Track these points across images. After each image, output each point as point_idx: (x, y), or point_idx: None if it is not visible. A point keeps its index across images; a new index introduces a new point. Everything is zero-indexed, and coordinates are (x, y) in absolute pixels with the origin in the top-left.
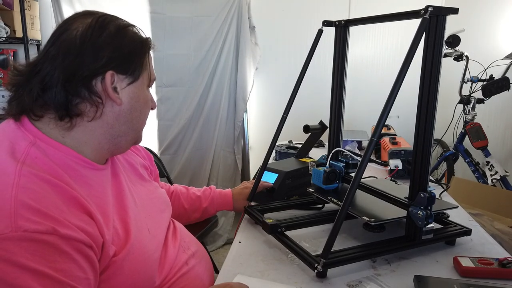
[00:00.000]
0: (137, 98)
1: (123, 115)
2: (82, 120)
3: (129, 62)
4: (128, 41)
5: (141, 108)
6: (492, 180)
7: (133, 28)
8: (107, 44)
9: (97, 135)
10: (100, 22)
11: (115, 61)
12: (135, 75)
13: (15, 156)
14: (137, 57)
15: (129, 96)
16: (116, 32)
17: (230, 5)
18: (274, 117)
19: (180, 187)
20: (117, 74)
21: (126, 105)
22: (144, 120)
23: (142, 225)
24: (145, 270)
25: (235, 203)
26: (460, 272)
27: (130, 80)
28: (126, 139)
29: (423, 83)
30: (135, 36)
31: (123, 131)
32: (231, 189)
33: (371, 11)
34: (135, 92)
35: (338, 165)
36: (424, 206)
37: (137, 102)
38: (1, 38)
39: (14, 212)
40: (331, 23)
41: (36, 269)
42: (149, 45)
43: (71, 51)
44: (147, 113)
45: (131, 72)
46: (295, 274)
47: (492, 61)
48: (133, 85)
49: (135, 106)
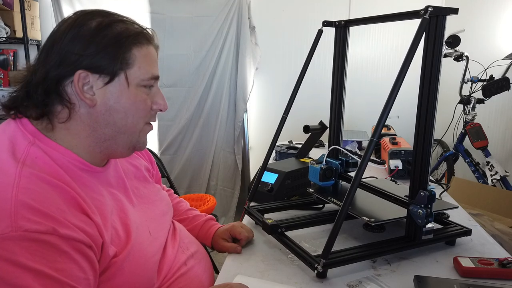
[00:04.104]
0: (116, 98)
1: (101, 117)
2: (58, 121)
3: (101, 60)
4: (103, 37)
5: (126, 110)
6: (492, 180)
7: (124, 24)
8: (79, 42)
9: (83, 138)
10: (80, 19)
11: (86, 59)
12: (111, 74)
13: (16, 156)
14: (111, 54)
15: (105, 96)
16: (94, 29)
17: (230, 5)
18: (274, 117)
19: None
20: (91, 73)
21: (101, 106)
22: (137, 123)
23: (143, 227)
24: (145, 271)
25: (214, 244)
26: (460, 272)
27: (105, 80)
28: (117, 143)
29: (423, 83)
30: (116, 31)
31: (109, 135)
32: (219, 226)
33: (371, 11)
34: (114, 92)
35: (334, 162)
36: (424, 204)
37: (117, 103)
38: (1, 38)
39: (15, 212)
40: (331, 23)
41: (36, 269)
42: (140, 39)
43: (43, 52)
44: (140, 115)
45: (105, 71)
46: (295, 274)
47: (492, 61)
48: (111, 84)
49: (116, 108)
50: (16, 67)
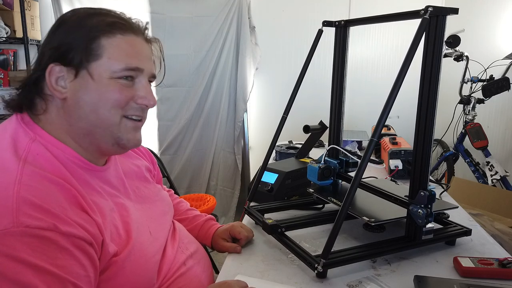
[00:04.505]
0: (84, 90)
1: (73, 110)
2: (37, 112)
3: (69, 52)
4: (73, 30)
5: (94, 103)
6: (492, 180)
7: (102, 16)
8: (55, 36)
9: (64, 133)
10: (64, 15)
11: (57, 52)
12: (76, 66)
13: (17, 153)
14: (77, 45)
15: (74, 89)
16: (69, 22)
17: (230, 5)
18: (274, 117)
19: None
20: (64, 66)
21: (71, 99)
22: (110, 116)
23: (143, 227)
24: (146, 271)
25: (214, 244)
26: (460, 272)
27: (74, 72)
28: (97, 138)
29: (423, 83)
30: (88, 23)
31: (86, 129)
32: (218, 226)
33: (371, 11)
34: (82, 84)
35: (333, 162)
36: (424, 204)
37: (85, 95)
38: (1, 38)
39: (17, 208)
40: (331, 23)
41: (37, 265)
42: (113, 29)
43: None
44: (112, 108)
45: (72, 63)
46: (295, 274)
47: (492, 61)
48: (79, 76)
49: (85, 100)
50: (16, 67)
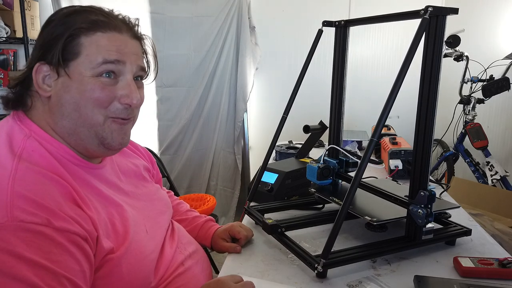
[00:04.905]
0: (65, 89)
1: (56, 108)
2: (25, 108)
3: (51, 51)
4: (56, 29)
5: (75, 101)
6: (492, 180)
7: (87, 14)
8: (44, 34)
9: (51, 130)
10: (55, 14)
11: (41, 50)
12: (56, 64)
13: (13, 149)
14: (57, 44)
15: (57, 87)
16: (56, 21)
17: (230, 5)
18: (274, 117)
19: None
20: (49, 65)
21: (54, 97)
22: (93, 115)
23: (140, 225)
24: (142, 270)
25: (213, 245)
26: (460, 272)
27: (56, 70)
28: (81, 138)
29: (423, 83)
30: (71, 22)
31: (70, 128)
32: (218, 227)
33: (371, 11)
34: (64, 82)
35: (332, 162)
36: (424, 204)
37: (66, 93)
38: (1, 38)
39: (11, 203)
40: (331, 23)
41: (31, 259)
42: (94, 27)
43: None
44: (94, 107)
45: (53, 62)
46: (295, 274)
47: (492, 61)
48: (62, 75)
49: (66, 98)
50: (16, 67)
